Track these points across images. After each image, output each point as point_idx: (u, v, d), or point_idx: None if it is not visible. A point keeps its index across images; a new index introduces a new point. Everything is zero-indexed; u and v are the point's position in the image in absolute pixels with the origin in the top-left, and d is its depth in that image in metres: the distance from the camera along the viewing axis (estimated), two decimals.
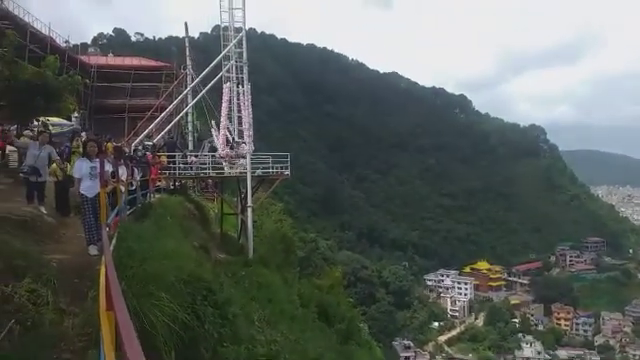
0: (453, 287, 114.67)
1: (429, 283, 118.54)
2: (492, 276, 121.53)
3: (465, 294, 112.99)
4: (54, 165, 10.28)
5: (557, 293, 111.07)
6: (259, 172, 22.50)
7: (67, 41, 35.81)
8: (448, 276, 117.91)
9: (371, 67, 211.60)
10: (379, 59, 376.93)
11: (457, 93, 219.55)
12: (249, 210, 21.54)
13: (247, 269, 17.02)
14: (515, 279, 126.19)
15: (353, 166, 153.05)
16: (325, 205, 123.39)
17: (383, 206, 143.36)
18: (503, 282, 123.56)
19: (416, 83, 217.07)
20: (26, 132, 13.96)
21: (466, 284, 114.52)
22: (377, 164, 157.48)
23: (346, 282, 45.65)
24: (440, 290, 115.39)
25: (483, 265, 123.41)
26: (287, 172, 22.98)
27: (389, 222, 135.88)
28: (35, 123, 16.45)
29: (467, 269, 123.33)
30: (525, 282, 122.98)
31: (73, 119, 19.76)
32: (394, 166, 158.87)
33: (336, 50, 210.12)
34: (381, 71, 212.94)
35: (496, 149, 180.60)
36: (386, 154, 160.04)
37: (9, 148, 15.04)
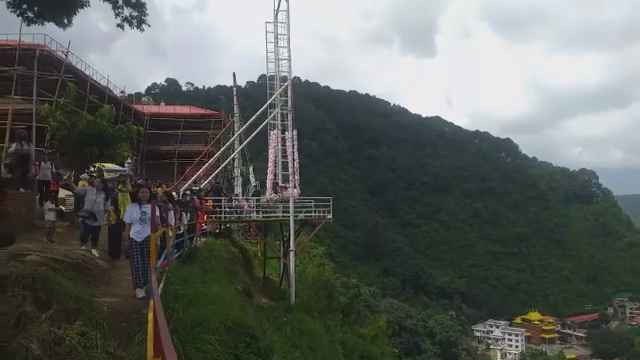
0: (503, 338, 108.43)
1: (477, 334, 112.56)
2: (545, 327, 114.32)
3: (516, 346, 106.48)
4: (109, 210, 10.74)
5: (617, 348, 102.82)
6: (301, 216, 22.61)
7: (123, 91, 38.18)
8: (498, 327, 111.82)
9: (413, 112, 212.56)
10: (421, 104, 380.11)
11: (502, 137, 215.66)
12: (291, 254, 21.54)
13: (289, 315, 16.83)
14: (570, 331, 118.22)
15: (396, 210, 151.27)
16: (367, 250, 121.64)
17: (428, 252, 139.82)
18: (557, 334, 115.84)
19: (459, 127, 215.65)
20: (83, 176, 14.70)
21: (517, 335, 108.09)
22: (421, 208, 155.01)
23: (390, 331, 44.12)
24: (489, 342, 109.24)
25: (535, 315, 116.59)
26: (329, 216, 22.96)
27: (435, 269, 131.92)
28: (91, 169, 17.35)
29: (518, 319, 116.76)
30: (581, 335, 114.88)
31: (126, 165, 20.70)
32: (439, 210, 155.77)
33: (378, 96, 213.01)
34: (423, 115, 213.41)
35: (545, 194, 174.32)
36: (430, 198, 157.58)
37: (66, 193, 15.87)
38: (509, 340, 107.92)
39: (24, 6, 9.20)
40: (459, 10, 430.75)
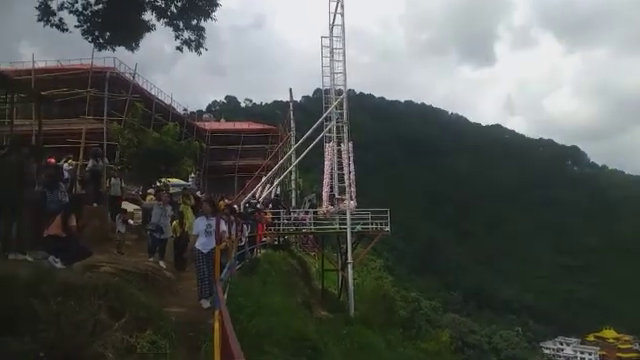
0: (575, 357, 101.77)
1: (547, 351, 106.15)
2: (621, 346, 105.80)
3: None
4: (174, 223, 11.17)
5: None
6: (358, 228, 22.49)
7: (185, 109, 39.99)
8: (569, 344, 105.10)
9: (472, 120, 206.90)
10: (480, 113, 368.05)
11: (568, 144, 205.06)
12: (349, 266, 21.44)
13: (348, 328, 16.66)
14: None
15: (457, 222, 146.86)
16: (427, 262, 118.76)
17: (492, 265, 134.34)
18: (635, 354, 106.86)
19: (522, 135, 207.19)
20: (150, 191, 15.41)
21: (590, 354, 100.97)
22: (483, 219, 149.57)
23: (453, 347, 42.65)
24: None
25: (610, 333, 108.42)
26: (387, 228, 22.70)
27: (499, 282, 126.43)
28: (157, 184, 18.18)
29: (591, 337, 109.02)
30: None
31: (190, 179, 21.54)
32: (502, 221, 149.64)
33: (435, 105, 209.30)
34: (483, 124, 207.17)
35: (618, 203, 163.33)
36: (492, 208, 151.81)
37: (134, 207, 16.69)
38: (582, 359, 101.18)
39: (96, 33, 9.85)
40: (518, 16, 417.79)
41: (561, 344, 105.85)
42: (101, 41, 10.05)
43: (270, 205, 23.74)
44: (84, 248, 7.55)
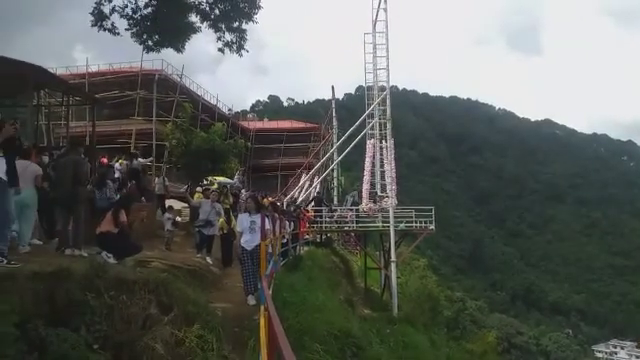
0: None
1: (599, 355, 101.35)
2: None
3: None
4: (221, 220, 11.41)
5: None
6: (402, 226, 22.22)
7: (230, 109, 40.70)
8: (623, 348, 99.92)
9: (520, 115, 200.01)
10: (529, 107, 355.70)
11: (624, 139, 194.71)
12: (392, 265, 21.22)
13: (392, 327, 16.51)
14: None
15: (503, 220, 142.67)
16: (473, 262, 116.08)
17: (540, 265, 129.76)
18: None
19: (574, 130, 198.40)
20: (198, 189, 15.81)
21: None
22: (532, 218, 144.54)
23: (499, 349, 41.51)
24: None
25: None
26: (432, 227, 22.32)
27: (548, 283, 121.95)
28: (205, 182, 18.62)
29: None
30: None
31: (235, 177, 21.95)
32: (552, 220, 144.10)
33: (481, 100, 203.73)
34: (532, 119, 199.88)
35: None
36: (542, 207, 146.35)
37: (182, 204, 17.18)
38: None
39: (145, 35, 10.19)
40: (568, 3, 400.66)
41: (615, 347, 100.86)
42: (150, 43, 10.39)
43: (312, 203, 23.86)
44: (135, 244, 7.82)
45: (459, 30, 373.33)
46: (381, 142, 24.53)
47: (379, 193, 23.80)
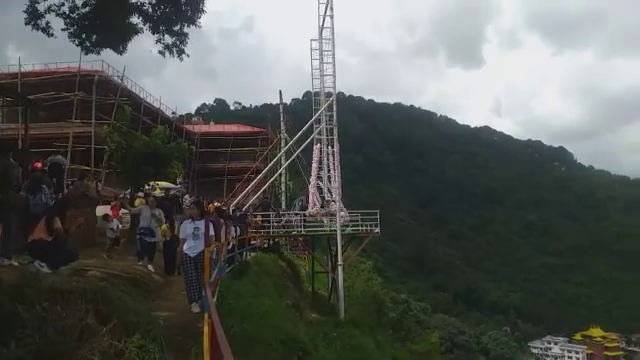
0: (563, 356, 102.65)
1: (535, 351, 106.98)
2: (608, 345, 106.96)
3: None
4: (164, 226, 11.11)
5: None
6: (349, 230, 22.52)
7: (174, 112, 39.70)
8: (556, 343, 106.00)
9: (461, 122, 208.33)
10: (469, 115, 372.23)
11: (555, 145, 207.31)
12: (339, 268, 21.44)
13: (339, 330, 16.67)
14: (636, 349, 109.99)
15: (445, 223, 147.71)
16: (417, 264, 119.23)
17: (480, 265, 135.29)
18: (622, 352, 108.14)
19: (510, 136, 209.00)
20: (139, 194, 15.32)
21: (578, 353, 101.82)
22: (472, 220, 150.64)
23: (443, 348, 42.80)
24: (547, 359, 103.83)
25: (597, 332, 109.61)
26: (377, 230, 22.76)
27: (488, 283, 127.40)
28: (146, 187, 18.04)
29: (578, 336, 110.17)
30: None
31: (178, 183, 21.42)
32: (491, 222, 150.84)
33: (423, 107, 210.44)
34: (472, 125, 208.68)
35: (604, 203, 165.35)
36: (481, 210, 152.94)
37: (122, 210, 16.56)
38: (569, 358, 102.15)
39: (83, 36, 9.78)
40: (506, 19, 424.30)
41: (549, 343, 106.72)
42: (88, 44, 9.98)
43: (260, 208, 23.71)
44: (70, 252, 7.46)
45: (404, 39, 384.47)
46: (328, 147, 24.77)
47: (326, 197, 24.01)
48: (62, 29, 9.29)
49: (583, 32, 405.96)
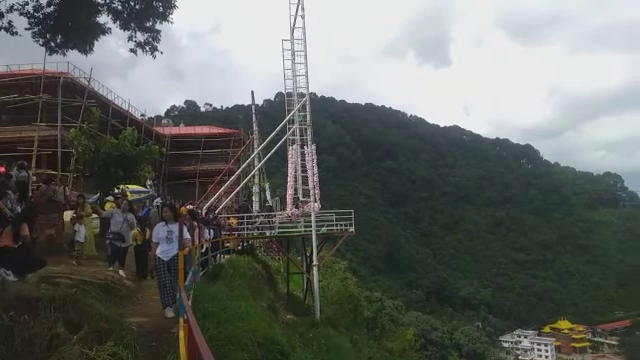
0: (532, 349, 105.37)
1: (505, 345, 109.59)
2: (575, 336, 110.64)
3: (546, 356, 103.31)
4: (135, 231, 10.86)
5: None
6: (323, 230, 22.54)
7: (143, 114, 38.92)
8: (526, 337, 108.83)
9: (430, 122, 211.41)
10: (438, 114, 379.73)
11: (522, 143, 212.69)
12: (314, 269, 21.44)
13: (315, 330, 16.66)
14: (601, 339, 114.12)
15: (417, 221, 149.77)
16: (390, 262, 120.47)
17: (452, 263, 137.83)
18: (588, 343, 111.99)
19: (479, 135, 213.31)
20: (109, 198, 14.93)
21: (546, 345, 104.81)
22: (443, 219, 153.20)
23: (417, 345, 43.29)
24: (518, 352, 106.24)
25: (564, 324, 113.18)
26: (352, 229, 22.87)
27: (459, 279, 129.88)
28: (116, 191, 17.61)
29: (546, 329, 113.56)
30: (614, 343, 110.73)
31: (148, 186, 21.00)
32: (461, 220, 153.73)
33: (394, 107, 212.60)
34: (441, 125, 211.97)
35: (569, 199, 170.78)
36: (452, 208, 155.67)
37: (93, 215, 16.09)
38: (538, 350, 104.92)
39: (48, 36, 9.46)
40: (473, 18, 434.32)
41: (519, 337, 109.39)
42: (53, 44, 9.66)
43: (241, 211, 23.55)
44: (38, 259, 7.21)
45: (373, 41, 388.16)
46: (302, 148, 24.75)
47: (301, 198, 23.98)
48: (25, 29, 8.97)
49: (549, 31, 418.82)
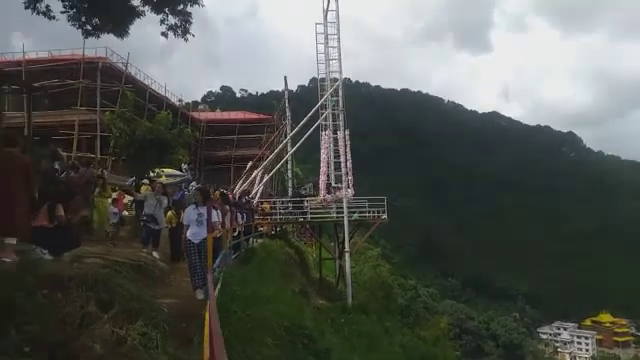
0: (572, 342, 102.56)
1: (544, 337, 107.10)
2: (617, 330, 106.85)
3: (587, 350, 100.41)
4: (169, 213, 10.98)
5: None
6: (356, 216, 22.38)
7: (180, 100, 39.54)
8: (566, 329, 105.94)
9: (469, 108, 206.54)
10: (477, 100, 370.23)
11: (564, 130, 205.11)
12: (347, 255, 21.36)
13: (346, 316, 16.63)
14: None
15: (454, 209, 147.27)
16: (425, 250, 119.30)
17: (489, 252, 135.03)
18: (631, 337, 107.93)
19: (519, 122, 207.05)
20: (145, 181, 15.17)
21: (587, 339, 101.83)
22: (480, 207, 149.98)
23: (451, 334, 42.89)
24: (557, 345, 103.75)
25: (606, 317, 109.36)
26: (384, 216, 22.63)
27: (496, 269, 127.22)
28: (151, 174, 17.90)
29: (587, 322, 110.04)
30: None
31: (184, 170, 21.26)
32: (499, 209, 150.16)
33: (431, 93, 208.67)
34: (480, 112, 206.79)
35: (614, 188, 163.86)
36: (490, 196, 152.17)
37: (128, 198, 16.42)
38: (578, 343, 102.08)
39: (83, 19, 9.57)
40: (515, 2, 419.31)
41: (558, 329, 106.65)
42: (89, 28, 9.78)
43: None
44: (73, 239, 7.36)
45: (411, 25, 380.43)
46: (335, 133, 24.53)
47: (333, 184, 23.85)
48: (61, 12, 9.09)
49: (591, 16, 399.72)
